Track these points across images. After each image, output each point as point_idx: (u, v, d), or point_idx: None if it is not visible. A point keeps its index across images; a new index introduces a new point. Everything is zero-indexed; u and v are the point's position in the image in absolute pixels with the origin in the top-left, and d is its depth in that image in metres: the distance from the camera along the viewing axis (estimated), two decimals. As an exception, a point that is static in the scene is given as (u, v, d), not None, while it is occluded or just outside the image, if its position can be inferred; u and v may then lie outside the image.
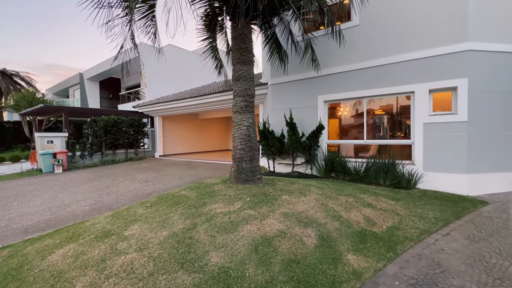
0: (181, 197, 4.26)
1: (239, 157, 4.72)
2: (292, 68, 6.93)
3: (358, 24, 6.06)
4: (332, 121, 7.50)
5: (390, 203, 4.18)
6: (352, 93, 6.21)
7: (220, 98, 9.95)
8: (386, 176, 5.41)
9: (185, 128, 15.18)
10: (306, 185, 4.71)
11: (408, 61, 5.48)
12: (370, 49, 5.93)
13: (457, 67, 4.94)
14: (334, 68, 6.39)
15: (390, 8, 5.66)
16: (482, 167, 4.95)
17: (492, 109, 4.99)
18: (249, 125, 4.74)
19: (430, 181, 5.23)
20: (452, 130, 5.01)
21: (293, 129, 6.63)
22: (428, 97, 5.27)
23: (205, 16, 6.03)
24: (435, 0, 5.15)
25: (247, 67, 4.76)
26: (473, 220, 3.77)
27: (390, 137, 6.23)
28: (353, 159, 6.18)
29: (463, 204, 4.35)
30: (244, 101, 4.77)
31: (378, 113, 7.69)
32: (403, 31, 5.52)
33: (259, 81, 8.77)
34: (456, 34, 4.95)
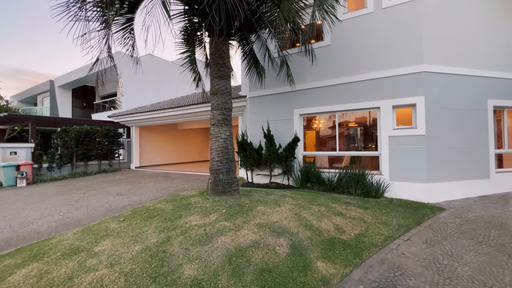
0: (157, 210, 4.21)
1: (216, 169, 4.79)
2: (269, 83, 7.23)
3: (330, 44, 6.54)
4: (309, 133, 7.84)
5: (359, 211, 4.45)
6: (325, 107, 6.60)
7: (200, 110, 10.00)
8: (357, 185, 5.74)
9: (163, 138, 14.91)
10: (282, 196, 4.87)
11: (374, 79, 5.98)
12: (340, 67, 6.39)
13: (415, 86, 5.50)
14: (308, 84, 6.78)
15: (358, 31, 6.19)
16: (440, 177, 5.46)
17: (445, 124, 5.57)
18: (226, 137, 4.86)
19: (396, 190, 5.63)
20: (413, 142, 5.50)
21: (270, 141, 6.84)
22: (392, 112, 5.76)
23: (184, 31, 6.18)
24: (396, 27, 5.74)
25: (224, 81, 4.92)
26: (431, 225, 4.12)
27: (364, 149, 6.66)
28: (327, 169, 6.49)
29: (424, 211, 4.74)
30: (221, 114, 4.90)
31: (351, 126, 8.19)
32: (370, 52, 6.05)
33: (238, 94, 8.99)
34: (413, 57, 5.54)
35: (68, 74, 17.66)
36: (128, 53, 5.69)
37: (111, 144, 11.82)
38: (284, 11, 3.69)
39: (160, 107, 11.86)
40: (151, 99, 15.37)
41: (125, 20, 5.22)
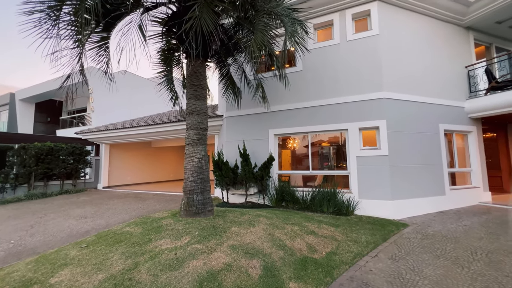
0: (124, 234, 3.98)
1: (190, 189, 4.71)
2: (245, 103, 7.46)
3: (302, 69, 7.01)
4: (284, 152, 8.07)
5: (331, 229, 4.59)
6: (298, 128, 6.91)
7: (176, 128, 9.88)
8: (329, 204, 5.95)
9: (136, 156, 14.31)
10: (256, 216, 4.88)
11: (343, 104, 6.45)
12: (312, 91, 6.83)
13: (377, 110, 6.03)
14: (283, 106, 7.11)
15: (327, 59, 6.74)
16: (402, 194, 5.87)
17: (405, 145, 6.11)
18: (201, 157, 4.85)
19: (365, 208, 5.92)
20: (378, 162, 5.92)
21: (246, 160, 6.92)
22: (358, 134, 6.21)
23: (162, 51, 6.28)
24: (360, 58, 6.36)
25: (201, 102, 5.01)
26: (396, 241, 4.37)
27: (336, 167, 6.98)
28: (301, 188, 6.67)
29: (389, 227, 5.02)
30: (196, 134, 4.92)
31: (324, 145, 8.60)
32: (338, 78, 6.57)
33: (215, 113, 9.09)
34: (375, 85, 6.12)
35: (33, 87, 16.61)
36: (102, 69, 5.59)
37: (76, 163, 11.07)
38: (257, 40, 3.96)
39: (134, 124, 11.51)
40: (125, 116, 14.89)
41: (100, 39, 5.19)
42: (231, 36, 6.00)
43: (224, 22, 6.02)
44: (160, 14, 5.29)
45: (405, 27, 6.58)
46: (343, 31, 6.57)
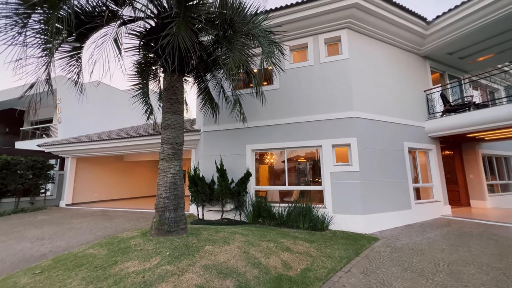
0: (86, 257, 3.66)
1: (163, 206, 4.52)
2: (223, 119, 7.50)
3: (278, 88, 7.28)
4: (261, 167, 8.11)
5: (306, 245, 4.62)
6: (275, 144, 7.05)
7: (149, 142, 9.57)
8: (305, 219, 6.02)
9: (106, 171, 13.48)
10: (232, 233, 4.77)
11: (317, 121, 6.75)
12: (288, 109, 7.08)
13: (349, 128, 6.39)
14: (260, 122, 7.25)
15: (303, 79, 7.09)
16: (373, 209, 6.14)
17: (374, 161, 6.48)
18: (176, 172, 4.72)
19: (338, 223, 6.07)
20: (350, 178, 6.18)
21: (223, 175, 6.84)
22: (332, 150, 6.48)
23: (139, 64, 6.19)
24: (332, 79, 6.78)
25: (177, 116, 4.96)
26: (367, 255, 4.50)
27: (312, 183, 7.14)
28: (278, 204, 6.69)
29: (362, 241, 5.17)
30: (172, 149, 4.81)
31: (301, 161, 8.80)
32: (313, 97, 6.90)
33: (193, 127, 8.99)
34: (346, 104, 6.53)
35: (-9, 95, 15.24)
36: (72, 79, 5.34)
37: (37, 178, 10.13)
38: (235, 59, 4.09)
39: (106, 137, 10.96)
40: (96, 128, 14.13)
41: (72, 48, 5.01)
42: (210, 53, 6.11)
43: (203, 39, 6.14)
44: (138, 28, 5.29)
45: (371, 53, 7.20)
46: (317, 54, 7.02)
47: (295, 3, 6.63)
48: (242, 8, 4.71)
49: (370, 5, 6.48)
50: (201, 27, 4.93)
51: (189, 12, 4.11)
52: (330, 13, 6.59)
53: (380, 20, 6.92)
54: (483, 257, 4.13)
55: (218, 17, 4.82)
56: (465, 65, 9.42)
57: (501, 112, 6.29)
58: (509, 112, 6.12)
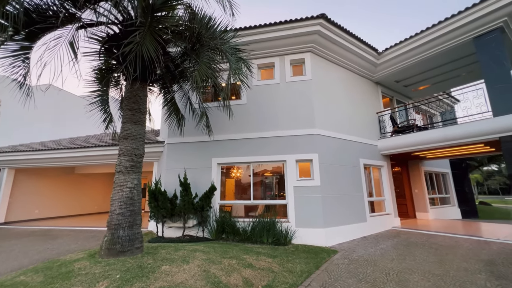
0: (15, 286, 3.13)
1: (116, 223, 4.16)
2: (189, 131, 7.34)
3: (246, 103, 7.43)
4: (228, 181, 8.01)
5: (268, 261, 4.60)
6: (241, 158, 7.08)
7: (106, 152, 8.87)
8: (268, 234, 6.02)
9: (53, 184, 12.00)
10: (192, 251, 4.55)
11: (282, 137, 6.98)
12: (255, 124, 7.23)
13: (311, 145, 6.73)
14: (227, 135, 7.26)
15: (269, 96, 7.36)
16: (332, 222, 6.43)
17: (334, 176, 6.87)
18: (133, 186, 4.42)
19: (301, 236, 6.20)
20: (312, 192, 6.43)
21: (186, 189, 6.59)
22: (295, 165, 6.72)
23: (99, 70, 5.83)
24: (297, 97, 7.16)
25: (138, 127, 4.72)
26: (327, 268, 4.64)
27: (278, 197, 7.23)
28: (242, 219, 6.61)
29: (322, 254, 5.33)
30: (130, 161, 4.52)
31: (267, 175, 8.91)
32: (279, 113, 7.17)
33: (156, 139, 8.61)
34: (309, 122, 6.91)
35: None
36: (17, 80, 4.78)
37: (-41, 192, 8.56)
38: (201, 71, 4.11)
39: (54, 146, 9.86)
40: (44, 136, 12.66)
41: (20, 48, 4.54)
42: (177, 65, 6.05)
43: (171, 50, 6.07)
44: (100, 32, 5.03)
45: (332, 76, 7.84)
46: (283, 73, 7.40)
47: (263, 24, 7.00)
48: (211, 24, 4.82)
49: (330, 33, 7.13)
50: (169, 38, 4.89)
51: (156, 22, 4.07)
52: (295, 37, 7.08)
53: (339, 47, 7.63)
54: (425, 265, 4.55)
55: (187, 30, 4.85)
56: (409, 92, 10.77)
57: (437, 134, 7.25)
58: (443, 134, 7.09)
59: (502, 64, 6.29)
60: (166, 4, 4.08)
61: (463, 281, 3.80)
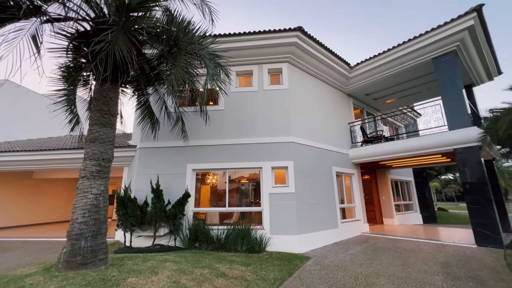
0: (-50, 307, 2.73)
1: (78, 233, 3.83)
2: (163, 135, 7.11)
3: (223, 109, 7.41)
4: (203, 188, 7.82)
5: (242, 269, 4.54)
6: (217, 164, 6.99)
7: (71, 156, 8.23)
8: (243, 241, 5.96)
9: (5, 190, 10.78)
10: (162, 261, 4.34)
11: (259, 144, 7.04)
12: (232, 130, 7.22)
13: (287, 152, 6.87)
14: (203, 141, 7.14)
15: (247, 103, 7.41)
16: (306, 228, 6.55)
17: (308, 183, 7.05)
18: (99, 193, 4.14)
19: (275, 243, 6.22)
20: (287, 199, 6.53)
21: (158, 196, 6.31)
22: (271, 172, 6.79)
23: (66, 68, 5.45)
24: (274, 105, 7.31)
25: (107, 130, 4.46)
26: (299, 275, 4.69)
27: (254, 204, 7.21)
28: (216, 226, 6.47)
29: (295, 261, 5.39)
30: (97, 166, 4.24)
31: (244, 182, 8.86)
32: (256, 120, 7.24)
33: (128, 143, 8.20)
34: (285, 130, 7.07)
35: None
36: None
37: None
38: (177, 75, 4.04)
39: (9, 148, 8.92)
40: (-4, 136, 11.43)
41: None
42: (153, 67, 5.87)
43: (147, 52, 5.89)
44: (69, 28, 4.73)
45: (308, 87, 8.15)
46: (261, 81, 7.53)
47: (242, 33, 7.11)
48: (189, 28, 4.78)
49: (306, 45, 7.45)
50: (145, 39, 4.75)
51: (131, 22, 3.94)
52: (273, 47, 7.28)
53: (314, 59, 7.98)
54: (391, 269, 4.80)
55: (164, 33, 4.75)
56: (378, 105, 11.53)
57: (401, 145, 7.81)
58: (407, 145, 7.66)
59: (455, 84, 7.02)
60: (142, 5, 3.97)
61: (423, 283, 4.07)
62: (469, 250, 5.88)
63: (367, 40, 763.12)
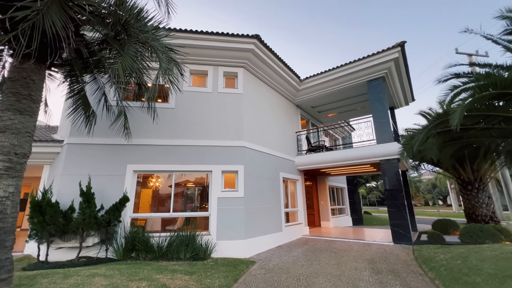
0: None
1: (-31, 247, 2.98)
2: (101, 131, 6.26)
3: (174, 107, 6.98)
4: (145, 192, 7.13)
5: (185, 278, 4.26)
6: (164, 166, 6.50)
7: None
8: (187, 249, 5.63)
9: None
10: (90, 276, 3.73)
11: (210, 146, 6.85)
12: (182, 130, 6.84)
13: (238, 156, 6.87)
14: (148, 140, 6.55)
15: (200, 103, 7.17)
16: (253, 233, 6.62)
17: (256, 188, 7.18)
18: (7, 196, 3.32)
19: (221, 250, 6.07)
20: (236, 203, 6.49)
21: (89, 200, 5.47)
22: (221, 176, 6.67)
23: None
24: (228, 109, 7.26)
25: (25, 118, 3.66)
26: (245, 280, 4.66)
27: (200, 209, 6.90)
28: (157, 233, 5.97)
29: (241, 266, 5.35)
30: (7, 162, 3.41)
31: (190, 186, 8.42)
32: (209, 122, 7.04)
33: (52, 136, 6.92)
34: (238, 134, 7.08)
35: None
36: None
37: None
38: (125, 63, 3.62)
39: None
40: None
41: None
42: (94, 52, 5.14)
43: (87, 34, 5.12)
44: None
45: (261, 94, 8.39)
46: (216, 83, 7.41)
47: (200, 31, 6.91)
48: (142, 15, 4.38)
49: (262, 54, 7.69)
50: (85, 19, 4.13)
51: (70, -4, 3.37)
52: (230, 50, 7.28)
53: (269, 68, 8.30)
54: (327, 268, 5.22)
55: (112, 15, 4.22)
56: (321, 118, 12.69)
57: (339, 155, 8.72)
58: (344, 155, 8.60)
59: (383, 105, 8.27)
60: (86, -21, 3.45)
61: (354, 278, 4.55)
62: (388, 248, 6.88)
63: (318, 55, 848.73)
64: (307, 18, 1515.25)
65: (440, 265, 4.83)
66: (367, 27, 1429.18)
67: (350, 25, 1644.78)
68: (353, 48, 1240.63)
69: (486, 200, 8.91)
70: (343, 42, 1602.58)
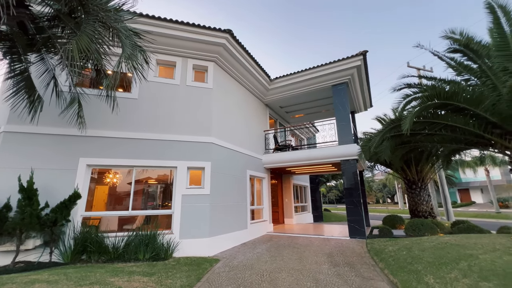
0: None
1: None
2: (48, 119, 5.54)
3: (137, 98, 6.51)
4: (100, 188, 6.54)
5: (143, 280, 4.01)
6: (123, 160, 6.01)
7: None
8: (147, 249, 5.32)
9: None
10: (29, 283, 3.28)
11: (175, 141, 6.55)
12: (144, 123, 6.41)
13: (205, 153, 6.69)
14: (105, 132, 6.00)
15: (167, 96, 6.79)
16: (218, 231, 6.53)
17: (223, 185, 7.08)
18: None
19: (184, 248, 5.86)
20: (201, 201, 6.32)
21: (30, 197, 4.80)
22: (186, 172, 6.43)
23: None
24: (196, 103, 7.01)
25: None
26: (208, 279, 4.57)
27: (162, 207, 6.53)
28: (113, 233, 5.51)
29: (204, 265, 5.23)
30: None
31: (152, 183, 7.95)
32: (175, 116, 6.71)
33: (-18, 122, 5.90)
34: (206, 130, 6.89)
35: None
36: None
37: None
38: (81, 43, 3.24)
39: None
40: None
41: None
42: (42, 28, 4.51)
43: (36, 8, 4.46)
44: None
45: (231, 90, 8.29)
46: (184, 76, 7.10)
47: (169, 19, 6.54)
48: (104, -6, 3.97)
49: (234, 50, 7.60)
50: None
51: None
52: (201, 43, 7.04)
53: (240, 65, 8.24)
54: (290, 263, 5.40)
55: (66, -11, 3.75)
56: (289, 118, 13.06)
57: (304, 155, 9.08)
58: (308, 155, 8.97)
59: (345, 108, 8.82)
60: None
61: (315, 272, 4.78)
62: (345, 242, 7.38)
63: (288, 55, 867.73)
64: (288, 22, 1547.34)
65: (389, 256, 5.34)
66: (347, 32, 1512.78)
67: (332, 29, 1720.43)
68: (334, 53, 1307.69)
69: (426, 198, 10.11)
70: (327, 48, 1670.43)
